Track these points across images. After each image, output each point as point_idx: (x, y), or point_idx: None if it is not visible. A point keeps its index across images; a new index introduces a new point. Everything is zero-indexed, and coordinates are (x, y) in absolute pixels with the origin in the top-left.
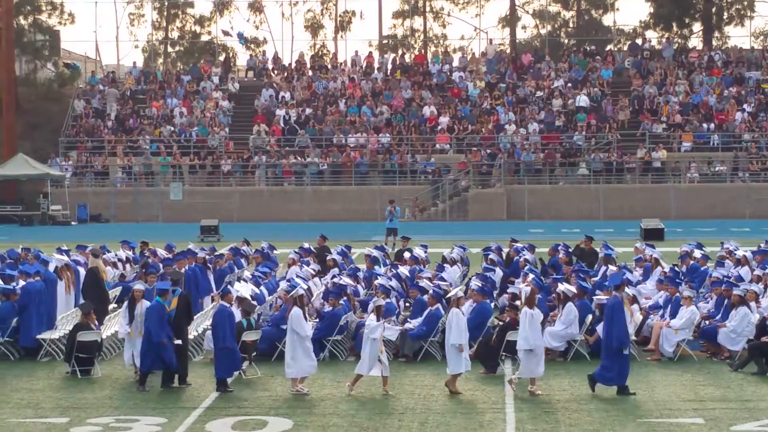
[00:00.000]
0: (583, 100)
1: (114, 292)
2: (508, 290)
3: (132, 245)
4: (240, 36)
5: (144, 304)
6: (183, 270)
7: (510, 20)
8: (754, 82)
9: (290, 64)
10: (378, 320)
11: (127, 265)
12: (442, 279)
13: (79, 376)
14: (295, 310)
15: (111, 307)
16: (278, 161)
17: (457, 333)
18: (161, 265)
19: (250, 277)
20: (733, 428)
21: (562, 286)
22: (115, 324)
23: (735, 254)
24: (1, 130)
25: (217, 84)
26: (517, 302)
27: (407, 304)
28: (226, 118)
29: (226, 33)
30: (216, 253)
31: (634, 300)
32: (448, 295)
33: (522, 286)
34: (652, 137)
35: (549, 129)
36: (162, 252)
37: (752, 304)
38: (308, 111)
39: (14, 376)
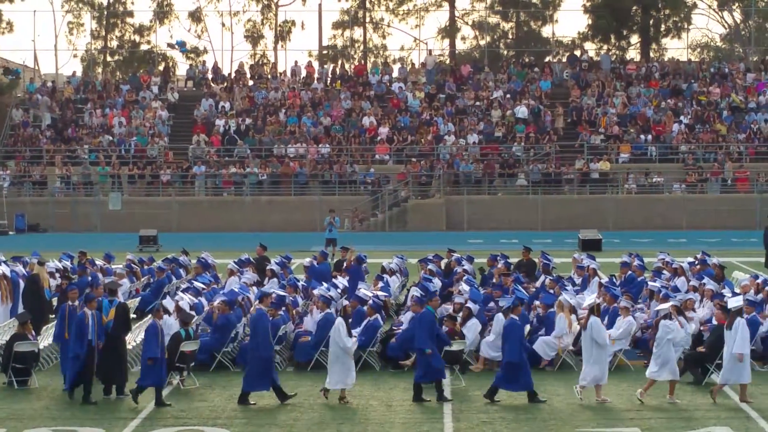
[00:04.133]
0: (522, 112)
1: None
2: (454, 300)
3: (70, 255)
4: (181, 45)
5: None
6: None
7: (449, 31)
8: (690, 94)
9: (230, 74)
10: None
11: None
12: (382, 289)
13: (16, 386)
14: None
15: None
16: (218, 171)
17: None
18: (100, 276)
19: (189, 287)
20: None
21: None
22: (51, 335)
23: (672, 265)
24: None
25: (156, 94)
26: (459, 314)
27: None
28: (166, 128)
29: (171, 46)
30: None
31: (573, 310)
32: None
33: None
34: (590, 148)
35: (488, 140)
36: (100, 262)
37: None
38: (248, 121)
39: None
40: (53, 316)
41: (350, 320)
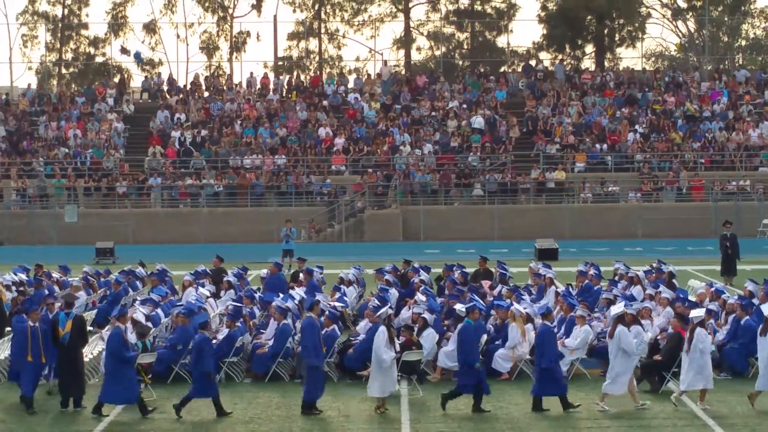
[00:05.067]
0: (477, 122)
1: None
2: (414, 310)
3: (26, 268)
4: (137, 56)
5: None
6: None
7: (405, 42)
8: (645, 103)
9: (185, 86)
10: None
11: (21, 288)
12: (339, 300)
13: None
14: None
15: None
16: (174, 183)
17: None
18: (56, 288)
19: (146, 299)
20: None
21: (458, 306)
22: (6, 348)
23: (628, 273)
24: None
25: (111, 106)
26: (416, 325)
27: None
28: (121, 140)
29: (124, 51)
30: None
31: (528, 319)
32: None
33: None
34: (546, 158)
35: (444, 150)
36: (56, 274)
37: (645, 322)
38: (204, 132)
39: None
40: (9, 329)
41: (393, 329)
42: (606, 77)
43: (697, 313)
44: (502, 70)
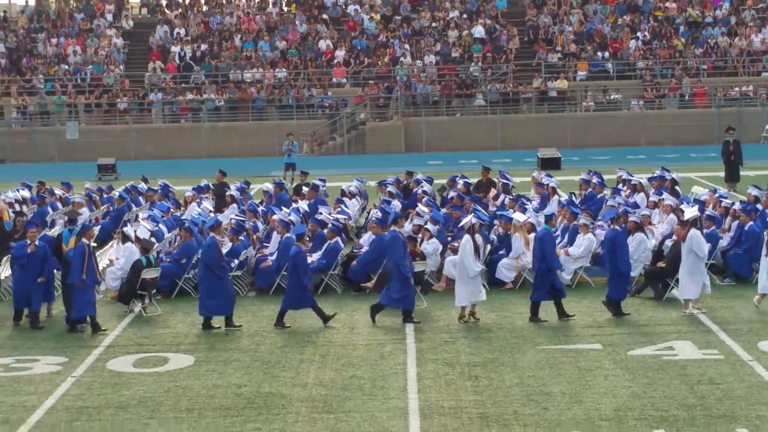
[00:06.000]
0: (478, 31)
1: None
2: (414, 222)
3: (29, 185)
4: None
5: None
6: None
7: None
8: (647, 10)
9: (184, 0)
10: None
11: (24, 206)
12: (341, 212)
13: None
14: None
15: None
16: (174, 98)
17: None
18: (59, 205)
19: (149, 214)
20: (630, 353)
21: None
22: (7, 269)
23: (631, 181)
24: None
25: (110, 21)
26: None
27: (306, 239)
28: (121, 56)
29: None
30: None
31: (532, 228)
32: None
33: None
34: (548, 67)
35: (445, 61)
36: (59, 191)
37: (648, 230)
38: (203, 47)
39: None
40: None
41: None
42: None
43: (690, 213)
44: None
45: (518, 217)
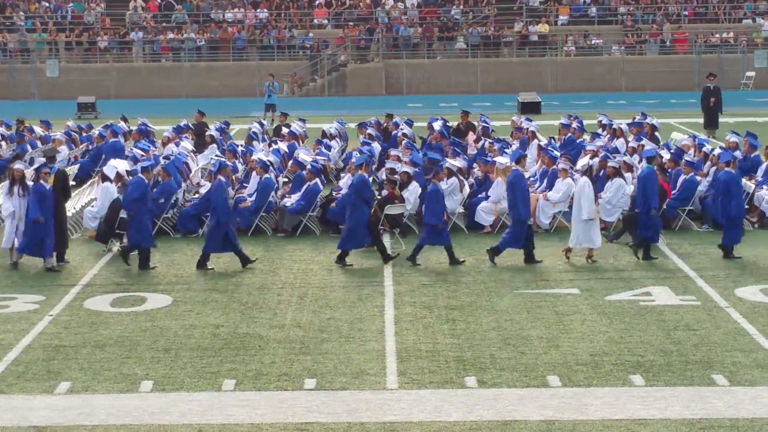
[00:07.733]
0: None
1: None
2: (387, 165)
3: (8, 123)
4: None
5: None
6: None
7: None
8: None
9: None
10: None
11: (3, 143)
12: (321, 154)
13: None
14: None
15: None
16: (155, 37)
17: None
18: (38, 143)
19: (128, 153)
20: (608, 298)
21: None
22: None
23: (611, 126)
24: None
25: None
26: (396, 176)
27: (285, 180)
28: None
29: None
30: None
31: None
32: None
33: (501, 159)
34: (529, 11)
35: (426, 3)
36: (38, 129)
37: (627, 175)
38: None
39: None
40: None
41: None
42: None
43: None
44: None
45: (501, 159)
